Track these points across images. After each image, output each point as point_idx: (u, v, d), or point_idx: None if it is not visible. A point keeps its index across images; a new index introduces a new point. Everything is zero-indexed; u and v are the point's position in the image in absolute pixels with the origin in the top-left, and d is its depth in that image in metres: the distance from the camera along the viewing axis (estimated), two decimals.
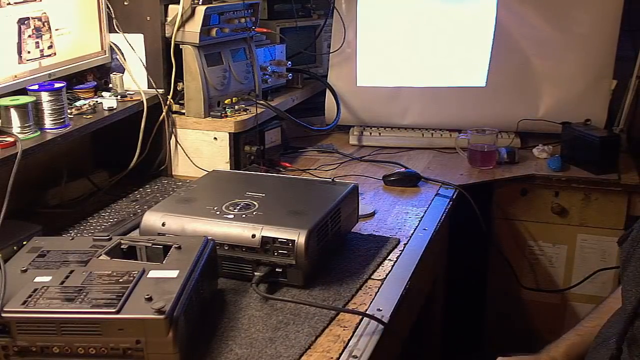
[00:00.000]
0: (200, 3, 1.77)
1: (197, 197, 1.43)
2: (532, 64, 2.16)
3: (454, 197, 1.80)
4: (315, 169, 1.99)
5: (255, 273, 1.26)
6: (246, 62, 1.96)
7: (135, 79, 1.84)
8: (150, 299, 0.99)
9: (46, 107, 1.51)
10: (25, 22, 1.53)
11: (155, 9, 1.79)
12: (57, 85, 1.55)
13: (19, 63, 1.53)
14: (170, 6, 1.81)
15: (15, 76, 1.52)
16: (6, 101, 1.46)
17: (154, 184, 1.80)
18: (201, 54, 1.81)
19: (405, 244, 1.50)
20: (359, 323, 1.17)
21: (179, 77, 1.84)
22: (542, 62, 2.16)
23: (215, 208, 1.35)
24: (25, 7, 1.53)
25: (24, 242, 1.23)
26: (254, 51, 1.97)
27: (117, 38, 1.83)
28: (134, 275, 1.07)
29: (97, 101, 1.72)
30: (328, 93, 2.23)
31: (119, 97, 1.78)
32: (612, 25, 2.08)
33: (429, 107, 2.23)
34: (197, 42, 1.79)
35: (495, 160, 2.02)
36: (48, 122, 1.52)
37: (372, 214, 1.66)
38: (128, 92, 1.82)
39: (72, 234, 1.50)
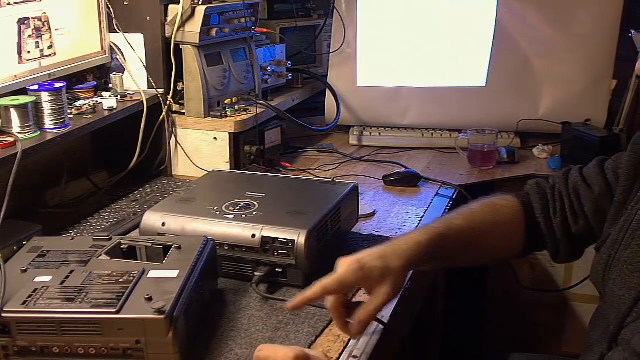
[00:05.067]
0: (200, 3, 1.77)
1: (197, 197, 1.43)
2: (532, 64, 2.16)
3: (454, 197, 1.80)
4: (315, 169, 1.99)
5: (255, 273, 1.26)
6: (246, 62, 1.96)
7: (135, 79, 1.84)
8: (150, 299, 0.99)
9: (46, 107, 1.51)
10: (25, 22, 1.53)
11: (155, 9, 1.79)
12: (57, 85, 1.55)
13: (19, 63, 1.53)
14: (170, 6, 1.81)
15: (15, 76, 1.52)
16: (6, 101, 1.46)
17: (154, 184, 1.80)
18: (201, 54, 1.81)
19: None
20: None
21: (179, 77, 1.84)
22: (542, 62, 2.15)
23: (215, 208, 1.35)
24: (25, 7, 1.53)
25: (24, 242, 1.23)
26: (254, 51, 1.97)
27: (117, 38, 1.83)
28: (134, 275, 1.07)
29: (97, 101, 1.71)
30: (328, 93, 2.23)
31: (119, 97, 1.78)
32: (612, 25, 2.08)
33: (429, 107, 2.23)
34: (197, 42, 1.79)
35: (495, 160, 2.02)
36: (48, 122, 1.52)
37: (372, 214, 1.66)
38: (128, 92, 1.82)
39: (72, 234, 1.50)
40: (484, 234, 1.22)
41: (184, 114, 1.86)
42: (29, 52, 1.55)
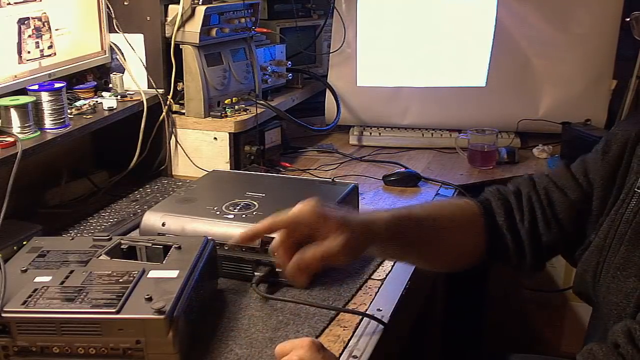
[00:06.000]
0: (200, 3, 1.77)
1: (197, 197, 1.43)
2: (532, 64, 2.16)
3: (454, 197, 1.80)
4: (315, 169, 1.99)
5: (255, 273, 1.26)
6: (246, 62, 1.96)
7: (135, 79, 1.84)
8: (150, 299, 0.99)
9: (46, 107, 1.51)
10: (25, 22, 1.53)
11: (155, 9, 1.79)
12: (57, 85, 1.55)
13: (19, 63, 1.53)
14: (170, 6, 1.81)
15: (15, 76, 1.52)
16: (6, 101, 1.46)
17: (154, 184, 1.80)
18: (201, 54, 1.81)
19: None
20: (359, 323, 1.17)
21: (179, 77, 1.84)
22: (542, 62, 2.15)
23: (215, 208, 1.35)
24: (25, 7, 1.53)
25: (24, 242, 1.23)
26: (254, 51, 1.97)
27: (117, 38, 1.83)
28: (134, 275, 1.07)
29: (97, 101, 1.72)
30: (328, 93, 2.23)
31: (119, 97, 1.78)
32: (612, 25, 2.08)
33: (429, 107, 2.23)
34: (197, 42, 1.79)
35: (495, 160, 2.02)
36: (48, 122, 1.52)
37: None
38: (128, 92, 1.82)
39: (72, 234, 1.50)
40: (444, 227, 1.16)
41: (184, 114, 1.86)
42: (29, 52, 1.55)
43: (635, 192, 1.06)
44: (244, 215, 1.32)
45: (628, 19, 1.20)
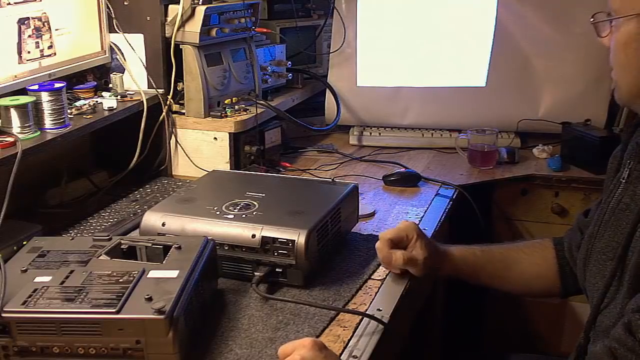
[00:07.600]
0: (200, 3, 1.77)
1: (197, 197, 1.43)
2: (532, 64, 2.16)
3: (454, 197, 1.80)
4: (315, 169, 1.99)
5: (255, 273, 1.26)
6: (246, 62, 1.96)
7: (135, 79, 1.84)
8: (150, 299, 1.00)
9: (46, 107, 1.51)
10: (25, 22, 1.53)
11: (155, 9, 1.79)
12: (57, 85, 1.55)
13: (19, 63, 1.53)
14: (170, 6, 1.81)
15: (15, 76, 1.52)
16: (6, 101, 1.46)
17: (154, 184, 1.80)
18: (201, 54, 1.81)
19: None
20: (359, 323, 1.17)
21: (179, 77, 1.84)
22: (542, 62, 2.15)
23: (215, 208, 1.35)
24: (25, 7, 1.53)
25: (24, 242, 1.23)
26: (254, 51, 1.97)
27: (117, 38, 1.83)
28: (134, 275, 1.07)
29: (97, 101, 1.72)
30: (328, 93, 2.23)
31: (119, 97, 1.78)
32: None
33: (429, 107, 2.23)
34: (197, 42, 1.79)
35: (495, 160, 2.02)
36: (48, 122, 1.52)
37: (372, 214, 1.66)
38: (128, 92, 1.82)
39: (72, 234, 1.50)
40: (513, 250, 1.38)
41: (184, 114, 1.86)
42: (29, 52, 1.55)
43: (620, 182, 1.13)
44: (244, 215, 1.32)
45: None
